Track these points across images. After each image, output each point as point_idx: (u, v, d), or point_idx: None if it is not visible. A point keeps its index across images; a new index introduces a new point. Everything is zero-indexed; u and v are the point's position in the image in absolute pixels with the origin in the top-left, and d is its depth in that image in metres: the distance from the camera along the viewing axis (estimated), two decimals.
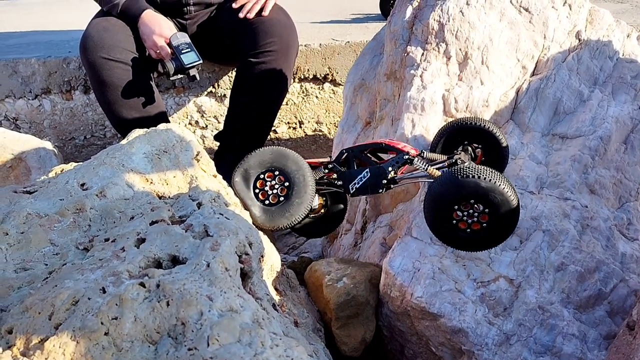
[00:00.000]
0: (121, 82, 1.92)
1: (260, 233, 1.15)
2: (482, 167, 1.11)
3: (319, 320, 1.30)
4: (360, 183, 1.31)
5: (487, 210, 1.11)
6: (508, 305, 1.21)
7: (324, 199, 1.44)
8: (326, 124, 2.66)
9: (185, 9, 2.10)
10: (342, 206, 1.46)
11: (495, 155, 1.34)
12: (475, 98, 1.44)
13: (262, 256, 1.11)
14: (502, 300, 1.21)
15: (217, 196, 1.14)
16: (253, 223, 1.24)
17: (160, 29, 1.92)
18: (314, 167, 1.35)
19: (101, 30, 1.93)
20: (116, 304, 0.79)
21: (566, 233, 1.27)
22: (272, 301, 1.07)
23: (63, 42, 2.78)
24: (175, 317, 0.79)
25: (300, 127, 2.65)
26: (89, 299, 0.80)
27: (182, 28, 2.14)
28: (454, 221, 1.14)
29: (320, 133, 2.68)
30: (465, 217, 1.14)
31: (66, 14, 3.95)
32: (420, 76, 1.47)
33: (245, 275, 0.98)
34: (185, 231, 0.97)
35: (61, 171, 1.28)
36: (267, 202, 1.29)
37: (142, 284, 0.82)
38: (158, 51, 1.93)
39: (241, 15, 2.03)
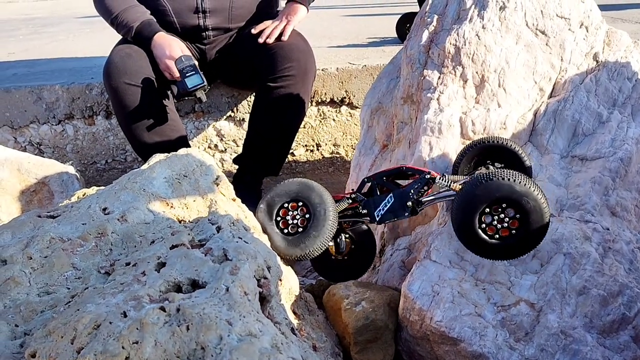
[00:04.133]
0: (143, 107, 1.96)
1: (278, 256, 1.16)
2: (516, 172, 1.10)
3: (338, 345, 1.30)
4: (385, 209, 1.30)
5: (518, 216, 1.09)
6: (529, 330, 1.19)
7: (351, 239, 1.43)
8: (343, 147, 2.67)
9: (204, 34, 2.14)
10: (369, 247, 1.45)
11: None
12: (492, 120, 1.44)
13: (280, 280, 1.11)
14: (524, 324, 1.19)
15: (236, 220, 1.15)
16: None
17: (171, 50, 1.97)
18: (338, 200, 1.34)
19: (124, 56, 1.98)
20: (137, 328, 0.79)
21: (588, 256, 1.26)
22: (291, 325, 1.07)
23: (86, 68, 2.85)
24: (195, 342, 0.79)
25: (318, 149, 2.67)
26: (110, 323, 0.81)
27: (201, 53, 2.18)
28: (483, 225, 1.12)
29: (338, 155, 2.69)
30: (494, 223, 1.12)
31: (89, 41, 4.05)
32: (437, 99, 1.48)
33: (264, 299, 0.98)
34: (205, 255, 0.98)
35: (83, 195, 1.31)
36: (286, 231, 1.30)
37: (163, 308, 0.83)
38: (168, 74, 1.98)
39: (260, 40, 2.07)
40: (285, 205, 1.31)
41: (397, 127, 1.63)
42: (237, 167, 2.24)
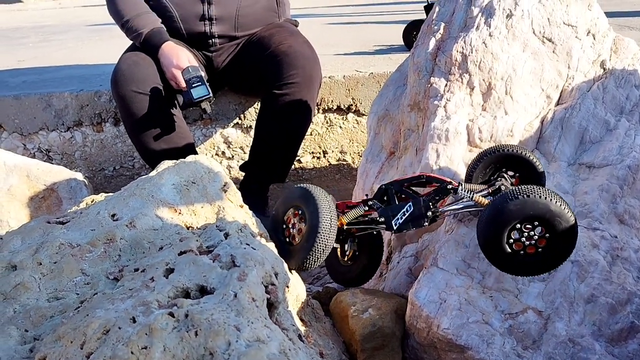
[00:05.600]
0: (150, 115, 1.97)
1: (285, 263, 1.16)
2: (553, 190, 1.09)
3: (345, 352, 1.30)
4: (403, 218, 1.26)
5: (547, 235, 1.08)
6: (537, 338, 1.19)
7: (355, 244, 1.41)
8: (350, 154, 2.68)
9: (211, 41, 2.16)
10: (376, 253, 1.43)
11: (532, 181, 1.33)
12: (499, 128, 1.44)
13: (288, 286, 1.12)
14: (531, 332, 1.19)
15: (243, 226, 1.16)
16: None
17: (178, 60, 1.98)
18: (352, 206, 1.31)
19: (131, 64, 2.00)
20: (146, 334, 0.80)
21: (596, 264, 1.25)
22: (298, 332, 1.07)
23: (95, 76, 2.87)
24: (203, 347, 0.80)
25: (324, 156, 2.68)
26: (119, 328, 0.82)
27: (208, 60, 2.20)
28: (510, 240, 1.10)
29: (344, 162, 2.70)
30: (522, 239, 1.10)
31: (98, 49, 4.09)
32: (444, 107, 1.48)
33: (271, 306, 0.98)
34: (213, 261, 0.99)
35: (92, 202, 1.32)
36: (287, 240, 1.27)
37: (171, 314, 0.84)
38: (174, 84, 1.99)
39: None
40: (289, 213, 1.28)
41: (404, 135, 1.63)
42: (244, 174, 2.25)
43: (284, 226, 1.28)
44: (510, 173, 1.35)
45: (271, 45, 2.10)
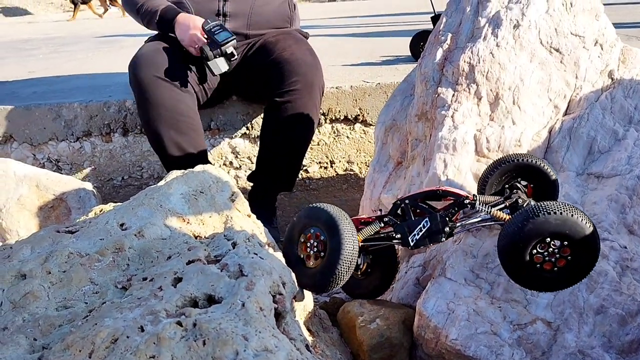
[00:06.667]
0: (165, 102, 1.98)
1: (293, 272, 1.16)
2: (577, 207, 1.06)
3: None
4: (420, 234, 1.24)
5: (569, 257, 1.06)
6: (546, 349, 1.18)
7: (369, 258, 1.39)
8: (357, 164, 2.68)
9: None
10: (390, 267, 1.41)
11: (546, 190, 1.32)
12: (507, 138, 1.44)
13: (295, 296, 1.12)
14: (540, 343, 1.18)
15: (251, 236, 1.16)
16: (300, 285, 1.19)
17: (194, 22, 2.01)
18: (367, 222, 1.29)
19: (154, 50, 2.04)
20: (154, 343, 0.80)
21: (605, 274, 1.24)
22: (306, 342, 1.06)
23: (104, 86, 2.89)
24: (211, 357, 0.80)
25: (332, 166, 2.68)
26: (127, 337, 0.82)
27: None
28: (533, 252, 1.08)
29: (352, 172, 2.70)
30: (544, 254, 1.07)
31: (107, 60, 4.12)
32: (452, 116, 1.48)
33: (279, 315, 0.98)
34: (221, 271, 0.99)
35: (101, 211, 1.33)
36: (302, 259, 1.24)
37: (179, 323, 0.84)
38: (196, 46, 2.00)
39: None
40: (306, 233, 1.23)
41: (412, 145, 1.63)
42: (251, 184, 2.26)
43: (301, 246, 1.25)
44: (524, 183, 1.34)
45: (275, 51, 2.12)
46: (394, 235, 1.27)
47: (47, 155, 2.60)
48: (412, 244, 1.25)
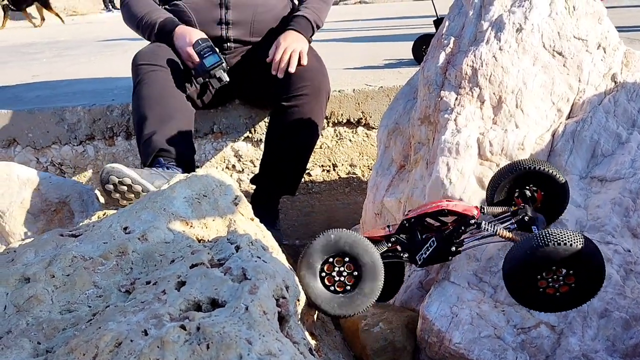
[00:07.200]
0: (162, 88, 1.96)
1: (296, 276, 1.16)
2: (585, 236, 1.06)
3: None
4: (428, 253, 1.26)
5: (573, 285, 1.07)
6: (550, 353, 1.18)
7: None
8: (360, 167, 2.68)
9: (226, 45, 2.19)
10: (396, 275, 1.41)
11: (556, 196, 1.32)
12: (510, 141, 1.44)
13: (299, 300, 1.12)
14: (544, 347, 1.18)
15: (254, 239, 1.16)
16: (314, 305, 1.19)
17: (190, 38, 2.01)
18: (375, 241, 1.29)
19: (155, 47, 2.05)
20: (158, 347, 0.80)
21: (609, 278, 1.24)
22: (309, 345, 1.06)
23: (107, 90, 2.90)
24: None
25: (334, 170, 2.68)
26: (131, 341, 0.82)
27: None
28: (538, 277, 1.08)
29: (354, 176, 2.70)
30: (548, 280, 1.08)
31: (110, 64, 4.13)
32: (455, 120, 1.48)
33: (282, 319, 0.98)
34: (224, 274, 0.99)
35: (104, 215, 1.33)
36: (332, 288, 1.21)
37: (183, 327, 0.84)
38: (189, 63, 2.01)
39: (273, 73, 2.07)
40: (330, 260, 1.21)
41: (415, 148, 1.63)
42: (254, 187, 2.26)
43: (323, 274, 1.22)
44: (533, 188, 1.34)
45: None
46: (401, 254, 1.29)
47: (50, 159, 2.60)
48: (420, 262, 1.26)
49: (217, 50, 2.00)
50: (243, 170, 2.61)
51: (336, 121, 2.57)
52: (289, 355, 0.84)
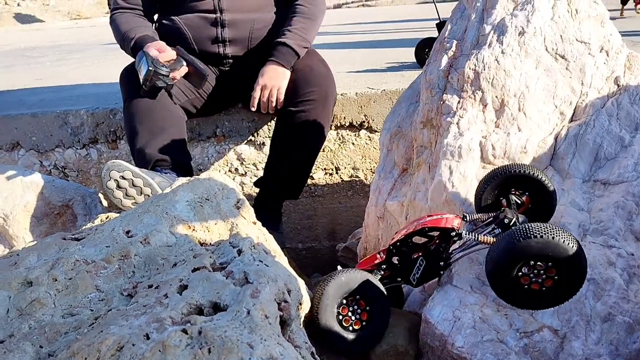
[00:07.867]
0: (147, 101, 1.96)
1: (298, 280, 1.16)
2: (562, 229, 1.07)
3: None
4: (419, 273, 1.30)
5: (556, 277, 1.08)
6: (553, 357, 1.17)
7: None
8: (362, 170, 2.68)
9: (225, 61, 2.19)
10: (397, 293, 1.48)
11: (543, 200, 1.32)
12: (512, 144, 1.44)
13: (300, 303, 1.11)
14: (547, 351, 1.18)
15: (257, 243, 1.16)
16: (336, 349, 1.23)
17: (160, 44, 1.97)
18: (369, 271, 1.32)
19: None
20: (159, 350, 0.80)
21: (612, 282, 1.24)
22: (311, 349, 1.06)
23: (110, 94, 2.91)
24: None
25: (337, 173, 2.68)
26: (133, 345, 0.82)
27: (222, 74, 2.22)
28: (519, 274, 1.09)
29: (357, 179, 2.70)
30: (530, 276, 1.09)
31: (113, 67, 4.14)
32: (457, 123, 1.48)
33: (284, 323, 0.98)
34: (226, 278, 0.99)
35: (107, 218, 1.33)
36: (350, 328, 1.25)
37: (185, 331, 0.84)
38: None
39: (252, 109, 2.14)
40: (344, 302, 1.25)
41: (417, 151, 1.63)
42: (257, 190, 2.26)
43: (340, 317, 1.25)
44: (520, 192, 1.34)
45: None
46: (396, 278, 1.34)
47: (53, 162, 2.61)
48: (415, 283, 1.32)
49: (158, 61, 1.90)
50: (246, 173, 2.61)
51: (339, 124, 2.58)
52: (290, 359, 0.84)
